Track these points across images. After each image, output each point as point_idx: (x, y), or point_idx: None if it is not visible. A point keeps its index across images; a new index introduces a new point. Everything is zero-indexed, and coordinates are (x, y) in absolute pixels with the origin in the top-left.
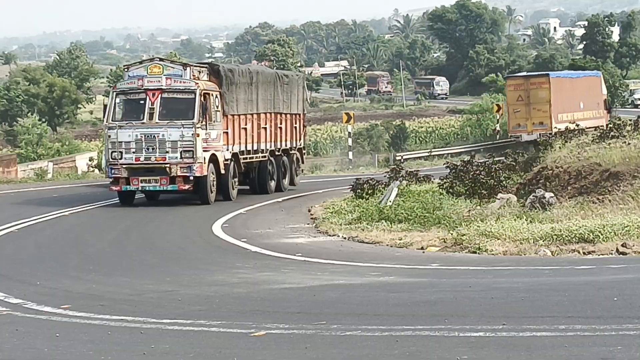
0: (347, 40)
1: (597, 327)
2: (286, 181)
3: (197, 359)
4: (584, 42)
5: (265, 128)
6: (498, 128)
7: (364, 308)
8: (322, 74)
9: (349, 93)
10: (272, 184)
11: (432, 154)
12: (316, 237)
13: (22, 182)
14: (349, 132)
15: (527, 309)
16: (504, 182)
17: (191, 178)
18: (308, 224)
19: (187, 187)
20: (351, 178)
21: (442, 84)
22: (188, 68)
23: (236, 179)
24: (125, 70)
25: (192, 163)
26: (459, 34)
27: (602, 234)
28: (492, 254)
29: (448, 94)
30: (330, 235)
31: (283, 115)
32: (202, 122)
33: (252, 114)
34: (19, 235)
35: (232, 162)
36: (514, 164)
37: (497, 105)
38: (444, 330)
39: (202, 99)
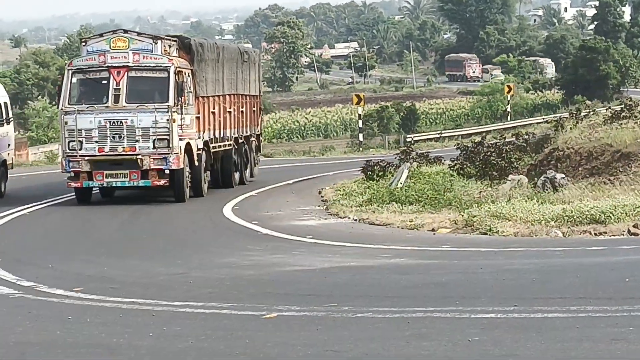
0: (357, 21)
1: (609, 308)
2: (247, 172)
3: (209, 341)
4: (595, 23)
5: (230, 112)
6: (509, 109)
7: (375, 290)
8: (332, 56)
9: (359, 75)
10: (237, 175)
11: (443, 135)
12: (327, 219)
13: (33, 165)
14: (359, 114)
15: (539, 290)
16: (515, 164)
17: (166, 172)
18: (319, 206)
19: (162, 182)
20: (361, 160)
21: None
22: (159, 41)
23: (207, 172)
24: (83, 44)
25: (168, 154)
26: (469, 14)
27: (613, 215)
28: (503, 236)
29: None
30: (341, 218)
31: (244, 98)
32: (177, 106)
33: (218, 96)
34: (30, 218)
35: (204, 152)
36: (525, 145)
37: (508, 86)
38: (455, 312)
39: (176, 77)
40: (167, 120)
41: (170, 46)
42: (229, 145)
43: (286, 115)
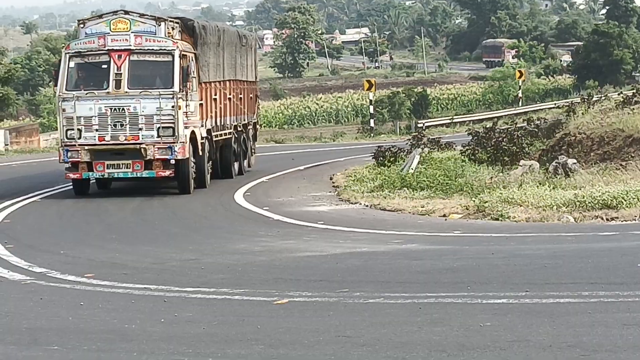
0: (368, 7)
1: (621, 294)
2: (246, 162)
3: (221, 327)
4: (607, 7)
5: (230, 99)
6: (520, 94)
7: (387, 275)
8: (343, 42)
9: (370, 60)
10: (236, 165)
11: (454, 121)
12: (338, 205)
13: (44, 152)
14: (370, 100)
15: (550, 275)
16: (527, 149)
17: (172, 162)
18: (330, 192)
19: (167, 173)
20: (373, 146)
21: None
22: (162, 23)
23: (210, 162)
24: (81, 26)
25: (173, 143)
26: None
27: (625, 200)
28: (515, 221)
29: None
30: (352, 203)
31: (242, 84)
32: (182, 92)
33: (219, 82)
34: (41, 204)
35: (206, 141)
36: (537, 130)
37: (519, 71)
38: (467, 297)
39: (181, 62)
40: (173, 107)
41: (173, 28)
42: (229, 133)
43: (297, 101)
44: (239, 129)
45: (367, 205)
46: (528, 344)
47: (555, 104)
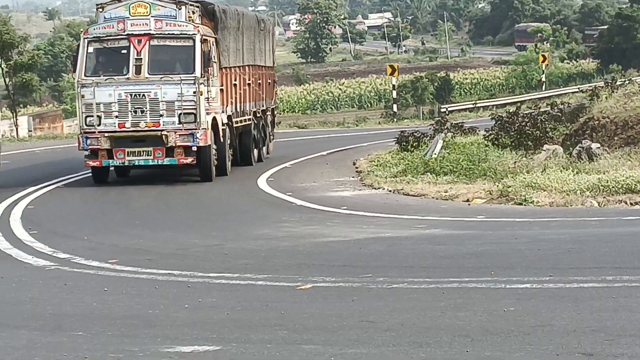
0: None
1: None
2: (265, 149)
3: (244, 313)
4: None
5: (249, 84)
6: (543, 79)
7: (410, 260)
8: (368, 27)
9: (392, 45)
10: (256, 152)
11: (477, 105)
12: (361, 190)
13: (67, 138)
14: (393, 85)
15: (574, 260)
16: (550, 133)
17: (194, 149)
18: (353, 177)
19: (189, 160)
20: (396, 131)
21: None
22: (183, 7)
23: (231, 150)
24: (100, 10)
25: (195, 130)
26: None
27: None
28: (538, 206)
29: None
30: (375, 188)
31: (261, 69)
32: (204, 77)
33: (239, 67)
34: (64, 190)
35: (227, 128)
36: (560, 114)
37: (543, 55)
38: (491, 282)
39: (202, 46)
40: (194, 92)
41: (193, 12)
42: (249, 120)
43: (320, 87)
44: (258, 115)
45: (390, 191)
46: (552, 328)
47: (578, 88)
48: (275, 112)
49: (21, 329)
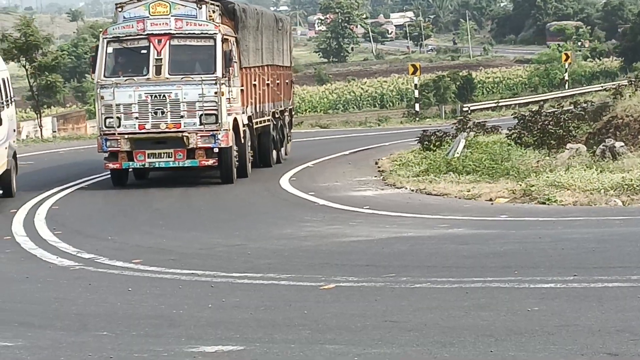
0: None
1: None
2: (282, 150)
3: (267, 312)
4: None
5: (268, 84)
6: (567, 77)
7: (433, 260)
8: (395, 25)
9: (414, 44)
10: (275, 154)
11: (500, 104)
12: (383, 189)
13: (91, 138)
14: (415, 84)
15: (598, 259)
16: (573, 132)
17: (215, 150)
18: (375, 176)
19: (210, 161)
20: (418, 130)
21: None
22: (204, 6)
23: (251, 151)
24: (119, 10)
25: (216, 131)
26: None
27: None
28: (562, 205)
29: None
30: (397, 188)
31: (279, 69)
32: (225, 77)
33: (258, 67)
34: (88, 191)
35: (247, 129)
36: (583, 113)
37: (566, 54)
38: (514, 282)
39: (223, 46)
40: (215, 93)
41: (214, 11)
42: (268, 120)
43: (342, 86)
44: (276, 115)
45: (412, 190)
46: (576, 328)
47: (602, 86)
48: (292, 113)
49: (46, 329)
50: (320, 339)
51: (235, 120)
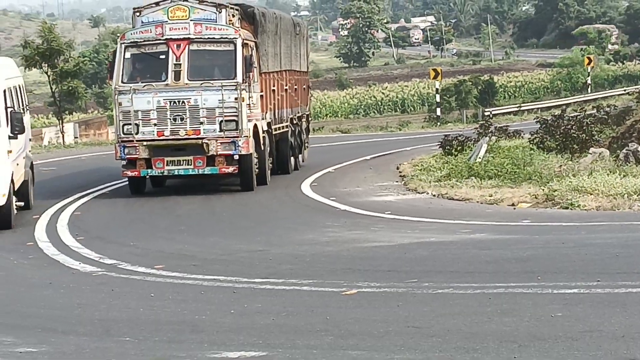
0: None
1: None
2: (300, 157)
3: (290, 318)
4: None
5: (286, 90)
6: (589, 81)
7: (455, 265)
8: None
9: (436, 49)
10: (293, 160)
11: (522, 108)
12: (405, 194)
13: (112, 144)
14: (437, 89)
15: (622, 264)
16: (596, 136)
17: (235, 157)
18: (397, 181)
19: (230, 169)
20: (439, 135)
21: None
22: (224, 10)
23: (270, 158)
24: (137, 14)
25: (237, 137)
26: None
27: None
28: (585, 210)
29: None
30: (419, 193)
31: (297, 74)
32: (245, 83)
33: (277, 72)
34: (110, 197)
35: (267, 135)
36: (606, 117)
37: (588, 58)
38: (537, 287)
39: (243, 51)
40: (236, 99)
41: (233, 16)
42: (286, 127)
43: (363, 91)
44: (294, 121)
45: (434, 195)
46: (600, 334)
47: (625, 90)
48: (310, 119)
49: (70, 335)
50: (342, 344)
51: (255, 126)
